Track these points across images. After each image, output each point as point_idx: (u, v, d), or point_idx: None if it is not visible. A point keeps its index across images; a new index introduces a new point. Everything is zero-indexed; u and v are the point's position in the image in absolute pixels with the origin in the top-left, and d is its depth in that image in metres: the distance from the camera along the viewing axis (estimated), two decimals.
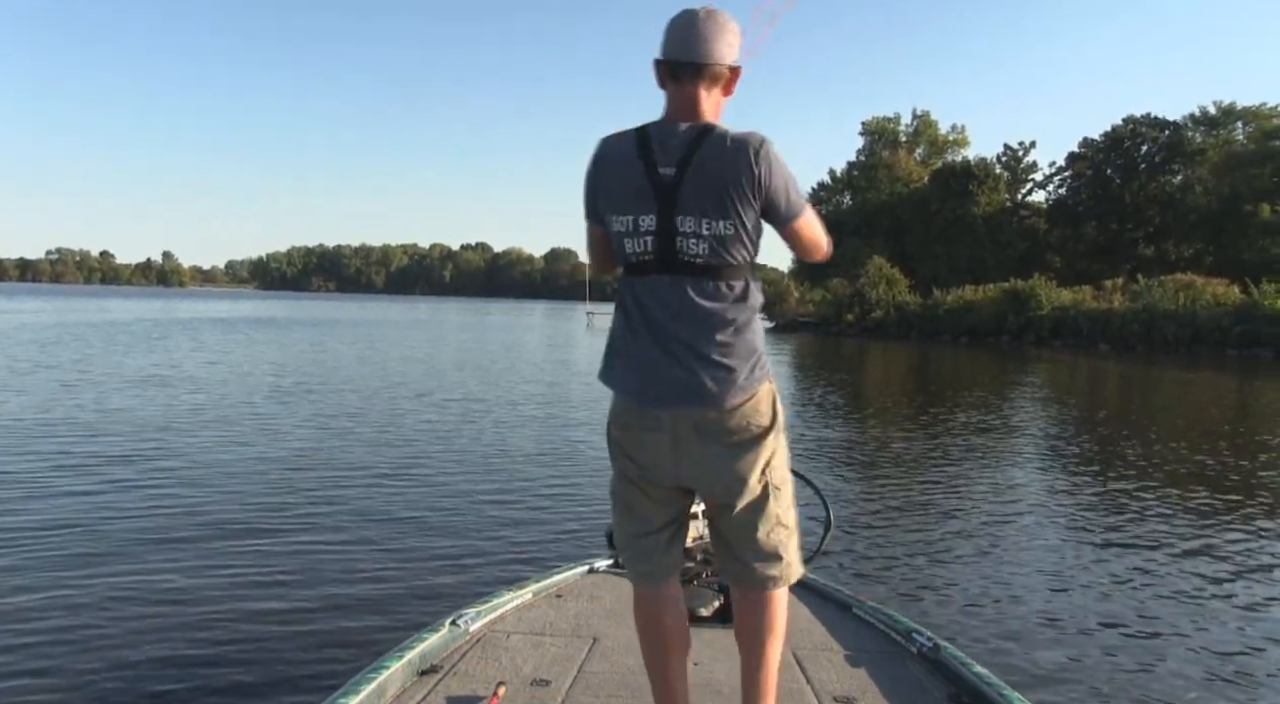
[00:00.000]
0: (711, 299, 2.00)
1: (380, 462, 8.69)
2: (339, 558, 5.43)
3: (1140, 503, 7.69)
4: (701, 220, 1.96)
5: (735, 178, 1.94)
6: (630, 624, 2.65)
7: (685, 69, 2.00)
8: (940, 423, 12.95)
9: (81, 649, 3.96)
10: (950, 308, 50.34)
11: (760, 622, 2.13)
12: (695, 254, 1.98)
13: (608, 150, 2.08)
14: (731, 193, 1.94)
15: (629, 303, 2.09)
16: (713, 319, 1.99)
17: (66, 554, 5.33)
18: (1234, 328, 38.89)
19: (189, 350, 23.02)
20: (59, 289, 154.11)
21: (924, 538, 6.35)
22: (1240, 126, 61.06)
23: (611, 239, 2.11)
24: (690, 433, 2.03)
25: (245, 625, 4.27)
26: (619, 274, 2.17)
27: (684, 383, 2.00)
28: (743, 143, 1.95)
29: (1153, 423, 14.06)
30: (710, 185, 1.95)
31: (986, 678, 2.54)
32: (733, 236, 1.98)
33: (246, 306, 73.91)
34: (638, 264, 2.05)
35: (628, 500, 2.17)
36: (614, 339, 2.14)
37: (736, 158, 1.94)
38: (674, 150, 1.97)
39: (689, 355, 2.00)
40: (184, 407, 12.09)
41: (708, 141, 1.97)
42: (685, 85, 2.01)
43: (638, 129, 2.05)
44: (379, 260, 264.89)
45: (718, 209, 1.95)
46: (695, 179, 1.95)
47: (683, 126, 2.00)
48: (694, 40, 1.99)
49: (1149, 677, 3.99)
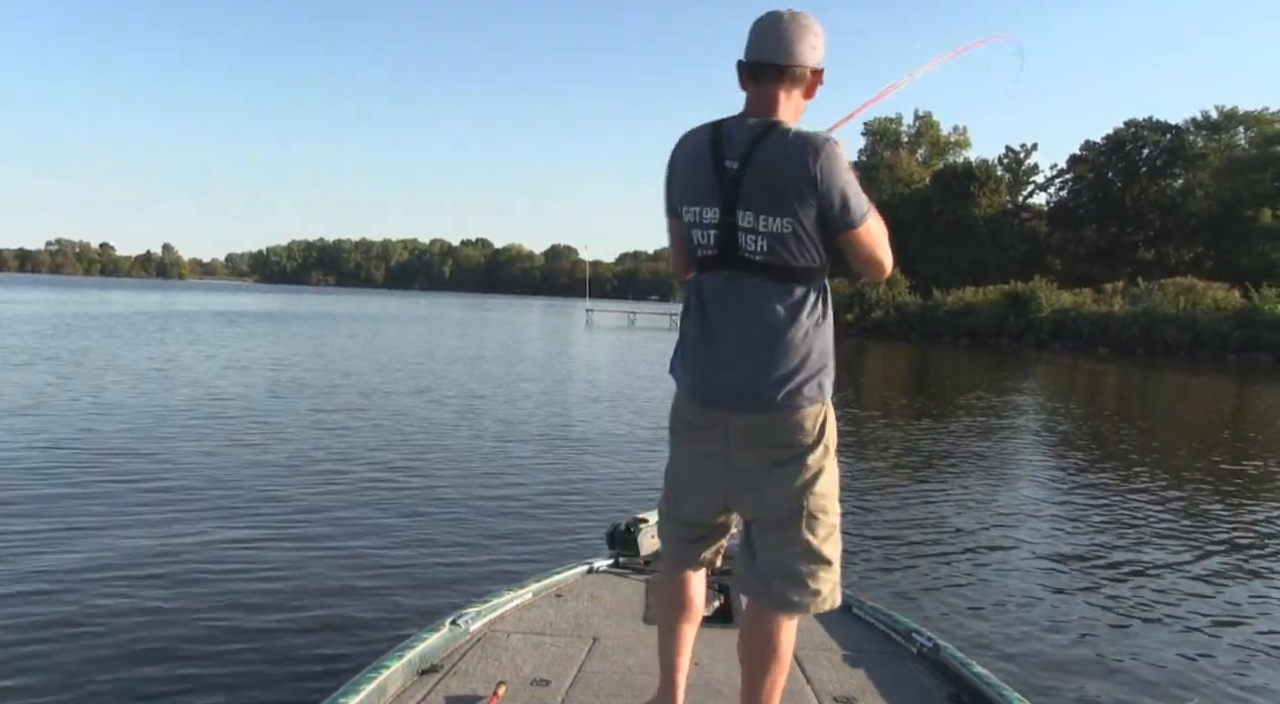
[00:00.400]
0: (769, 300, 1.97)
1: (379, 461, 8.64)
2: (339, 557, 5.40)
3: (1140, 505, 7.67)
4: (759, 216, 1.94)
5: (792, 175, 1.90)
6: (630, 624, 2.85)
7: (766, 70, 1.99)
8: (940, 424, 12.92)
9: (79, 649, 3.93)
10: (950, 309, 50.33)
11: (765, 642, 2.08)
12: (754, 251, 1.96)
13: (684, 143, 2.08)
14: (788, 190, 1.91)
15: (693, 298, 2.09)
16: (768, 321, 1.97)
17: (61, 554, 5.26)
18: (1234, 332, 38.92)
19: (186, 343, 22.95)
20: (58, 280, 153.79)
21: (924, 538, 6.32)
22: (1242, 131, 61.10)
23: (683, 233, 2.09)
24: (736, 438, 2.02)
25: (244, 625, 4.25)
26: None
27: (733, 384, 2.00)
28: (805, 140, 1.92)
29: (1153, 426, 14.05)
30: (768, 181, 1.92)
31: (986, 678, 2.52)
32: (790, 235, 1.93)
33: (246, 300, 73.81)
34: (703, 259, 2.05)
35: (674, 484, 2.20)
36: (681, 334, 2.13)
37: (795, 155, 1.91)
38: (740, 144, 1.96)
39: (739, 356, 1.99)
40: (180, 403, 12.01)
41: (771, 137, 1.94)
42: (766, 86, 2.00)
43: (715, 122, 2.04)
44: (379, 255, 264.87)
45: (774, 206, 1.92)
46: (755, 174, 1.93)
47: (752, 121, 1.99)
48: (776, 42, 1.98)
49: (1150, 677, 3.98)
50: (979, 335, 47.51)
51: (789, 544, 2.03)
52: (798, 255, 1.95)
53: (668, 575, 2.29)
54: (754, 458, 2.02)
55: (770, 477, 2.01)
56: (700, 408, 2.07)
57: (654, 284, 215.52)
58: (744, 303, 1.99)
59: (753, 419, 2.00)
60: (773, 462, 2.01)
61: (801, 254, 1.96)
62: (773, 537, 2.05)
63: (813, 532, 2.03)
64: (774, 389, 1.97)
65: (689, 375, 2.09)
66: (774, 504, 2.03)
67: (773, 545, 2.05)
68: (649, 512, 3.95)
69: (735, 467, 2.04)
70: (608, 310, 69.76)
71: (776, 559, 2.04)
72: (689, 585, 2.25)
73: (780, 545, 2.04)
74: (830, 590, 2.07)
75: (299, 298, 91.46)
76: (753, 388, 1.98)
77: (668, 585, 2.28)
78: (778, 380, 1.97)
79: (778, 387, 1.97)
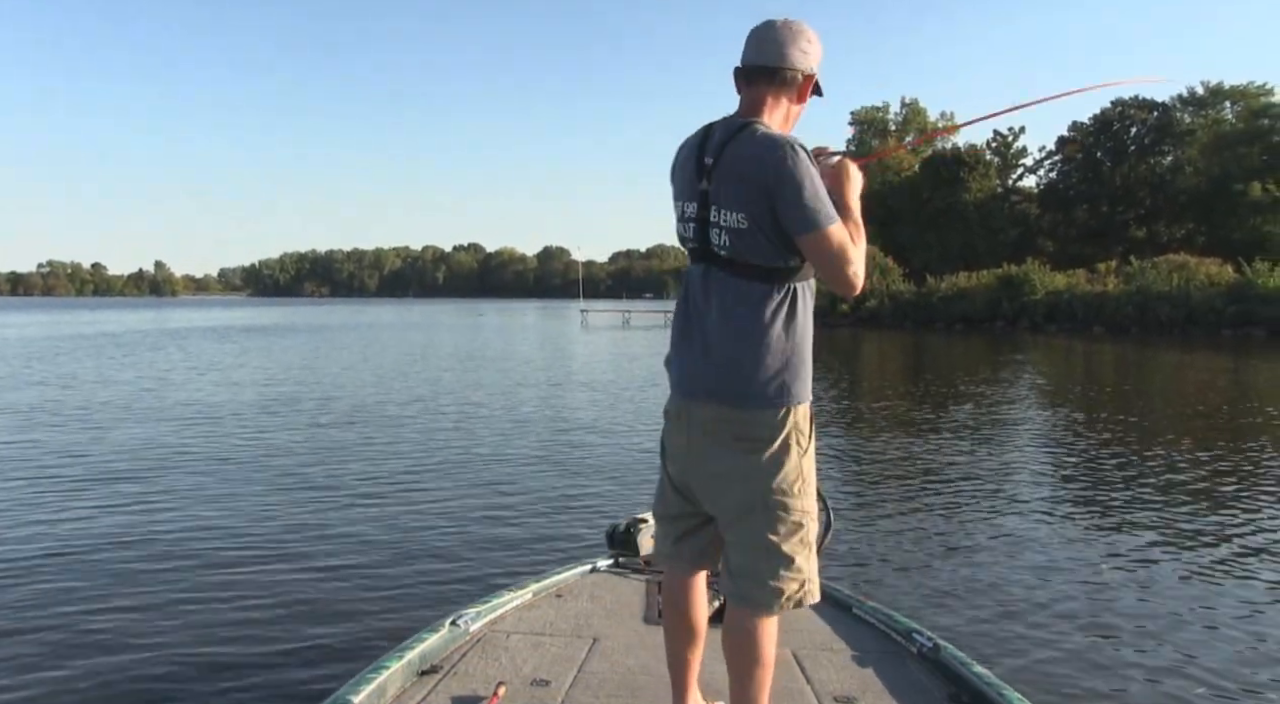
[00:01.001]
0: (734, 296, 2.01)
1: (380, 464, 8.64)
2: (339, 559, 5.41)
3: (1143, 497, 7.58)
4: (721, 211, 2.00)
5: (750, 172, 1.95)
6: (630, 624, 2.88)
7: (758, 73, 2.06)
8: (938, 416, 12.86)
9: (81, 651, 3.94)
10: (944, 295, 50.34)
11: (740, 639, 2.09)
12: (719, 245, 2.02)
13: (684, 142, 2.15)
14: (745, 186, 1.95)
15: (681, 290, 2.17)
16: (733, 317, 2.01)
17: (70, 562, 5.29)
18: (1227, 308, 38.99)
19: (179, 360, 22.84)
20: (50, 302, 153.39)
21: (923, 536, 6.26)
22: (1229, 106, 61.12)
23: (676, 227, 2.17)
24: (698, 429, 2.06)
25: (245, 626, 4.25)
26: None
27: (699, 375, 2.06)
28: (767, 141, 1.96)
29: (1152, 408, 14.00)
30: (731, 177, 1.98)
31: (986, 678, 2.51)
32: (747, 231, 1.97)
33: (239, 314, 73.61)
34: (690, 252, 2.12)
35: (660, 480, 2.25)
36: (672, 326, 2.19)
37: (756, 153, 1.95)
38: (718, 143, 2.02)
39: (707, 348, 2.04)
40: (179, 413, 11.92)
41: (742, 135, 2.00)
42: (757, 89, 2.07)
43: (710, 123, 2.11)
44: (371, 264, 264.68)
45: (733, 202, 1.98)
46: (721, 170, 2.00)
47: (734, 121, 2.06)
48: (767, 45, 2.06)
49: (1151, 675, 3.91)
50: (973, 321, 47.53)
51: (750, 541, 2.03)
52: (758, 253, 1.98)
53: (665, 577, 2.29)
54: (715, 451, 2.04)
55: (729, 471, 2.03)
56: (676, 396, 2.14)
57: (647, 282, 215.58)
58: (714, 296, 2.03)
59: (714, 411, 2.03)
60: (732, 456, 2.02)
61: (763, 252, 1.97)
62: (734, 533, 2.06)
63: (773, 530, 2.02)
64: (733, 384, 2.00)
65: (672, 364, 2.15)
66: (733, 500, 2.04)
67: (735, 542, 2.07)
68: (648, 512, 3.97)
69: (699, 459, 2.07)
70: (602, 310, 69.70)
71: (739, 556, 2.06)
72: (683, 586, 2.23)
73: (741, 542, 2.05)
74: (796, 589, 2.05)
75: (293, 310, 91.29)
76: (715, 380, 2.02)
77: (665, 587, 2.29)
78: (738, 376, 2.00)
79: (737, 382, 2.00)
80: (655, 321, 55.31)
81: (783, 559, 2.03)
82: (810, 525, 2.08)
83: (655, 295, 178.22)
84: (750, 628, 2.06)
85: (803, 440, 2.04)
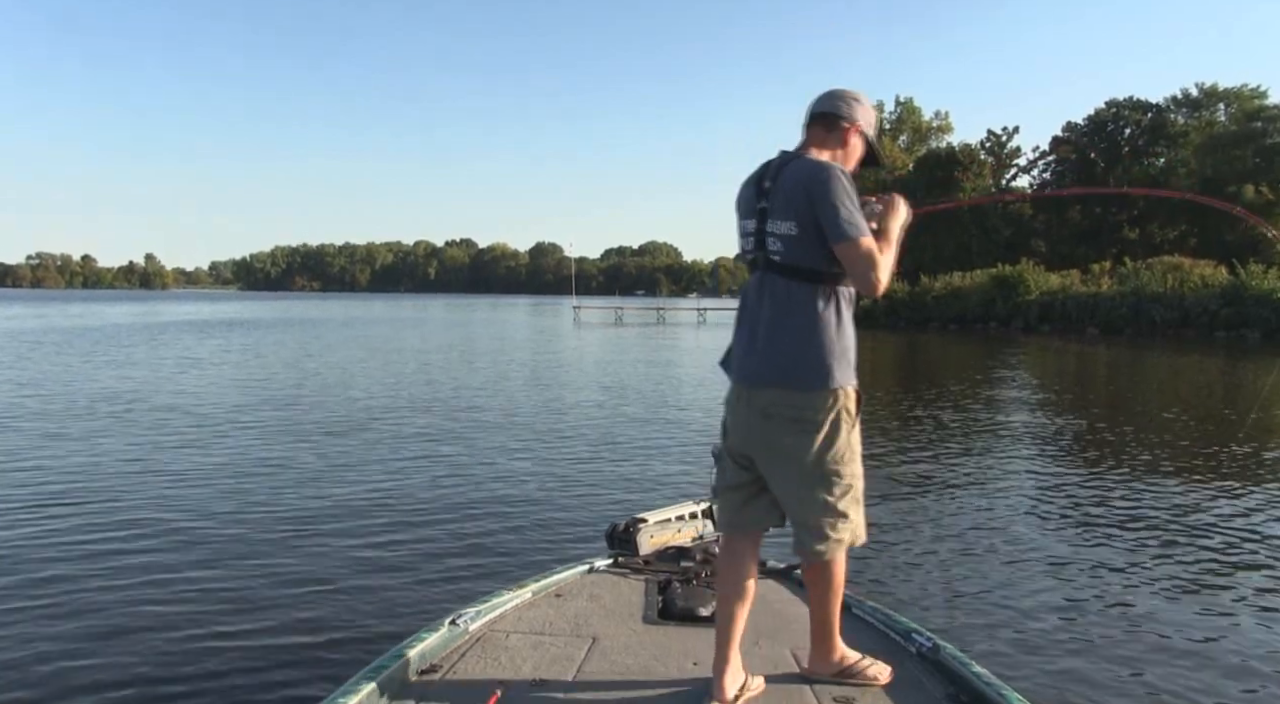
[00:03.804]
0: (785, 297, 2.42)
1: (374, 462, 8.60)
2: (337, 558, 5.41)
3: (1140, 497, 7.49)
4: (776, 220, 2.42)
5: (798, 189, 2.37)
6: (629, 624, 3.02)
7: (813, 118, 2.59)
8: (933, 416, 12.76)
9: (81, 648, 3.95)
10: (938, 295, 50.35)
11: (810, 577, 2.60)
12: (774, 251, 2.44)
13: (750, 173, 2.59)
14: (794, 199, 2.38)
15: (741, 298, 2.59)
16: (783, 314, 2.42)
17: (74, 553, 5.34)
18: (1221, 310, 38.99)
19: (170, 353, 22.69)
20: (38, 294, 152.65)
21: (922, 536, 6.19)
22: (1222, 108, 61.35)
23: (738, 243, 2.60)
24: (759, 412, 2.45)
25: (242, 626, 4.26)
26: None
27: (757, 366, 2.45)
28: (813, 166, 2.40)
29: (1148, 410, 13.91)
30: (784, 194, 2.41)
31: (985, 678, 2.52)
32: (795, 238, 2.38)
33: (229, 308, 73.40)
34: (749, 263, 2.55)
35: (721, 458, 2.63)
36: (734, 327, 2.59)
37: (803, 175, 2.39)
38: (776, 170, 2.48)
39: (762, 342, 2.45)
40: (176, 410, 11.86)
41: (795, 162, 2.46)
42: (812, 130, 2.58)
43: (768, 160, 2.56)
44: (363, 258, 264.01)
45: (785, 213, 2.40)
46: (777, 188, 2.43)
47: (793, 153, 2.53)
48: (823, 99, 2.60)
49: (1151, 674, 3.89)
50: (967, 321, 47.56)
51: (810, 504, 2.44)
52: (807, 256, 2.38)
53: (724, 543, 2.65)
54: (775, 430, 2.42)
55: (789, 447, 2.41)
56: (736, 384, 2.54)
57: (639, 279, 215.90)
58: (768, 298, 2.45)
59: (772, 396, 2.42)
60: (791, 435, 2.41)
61: (810, 256, 2.38)
62: (797, 498, 2.45)
63: (829, 493, 2.43)
64: (789, 373, 2.40)
65: (733, 358, 2.56)
66: (795, 471, 2.43)
67: (799, 505, 2.46)
68: (648, 511, 3.98)
69: (760, 437, 2.46)
70: (594, 307, 69.64)
71: (803, 515, 2.46)
72: (741, 551, 2.57)
73: (804, 504, 2.45)
74: (850, 537, 2.49)
75: (283, 304, 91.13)
76: (772, 370, 2.42)
77: (725, 551, 2.63)
78: (793, 366, 2.40)
79: (792, 371, 2.40)
80: (647, 319, 55.23)
81: (839, 515, 2.45)
82: (857, 484, 2.48)
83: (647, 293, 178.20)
84: (820, 568, 2.53)
85: (851, 418, 2.44)
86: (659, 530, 3.90)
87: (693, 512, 4.09)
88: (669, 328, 47.74)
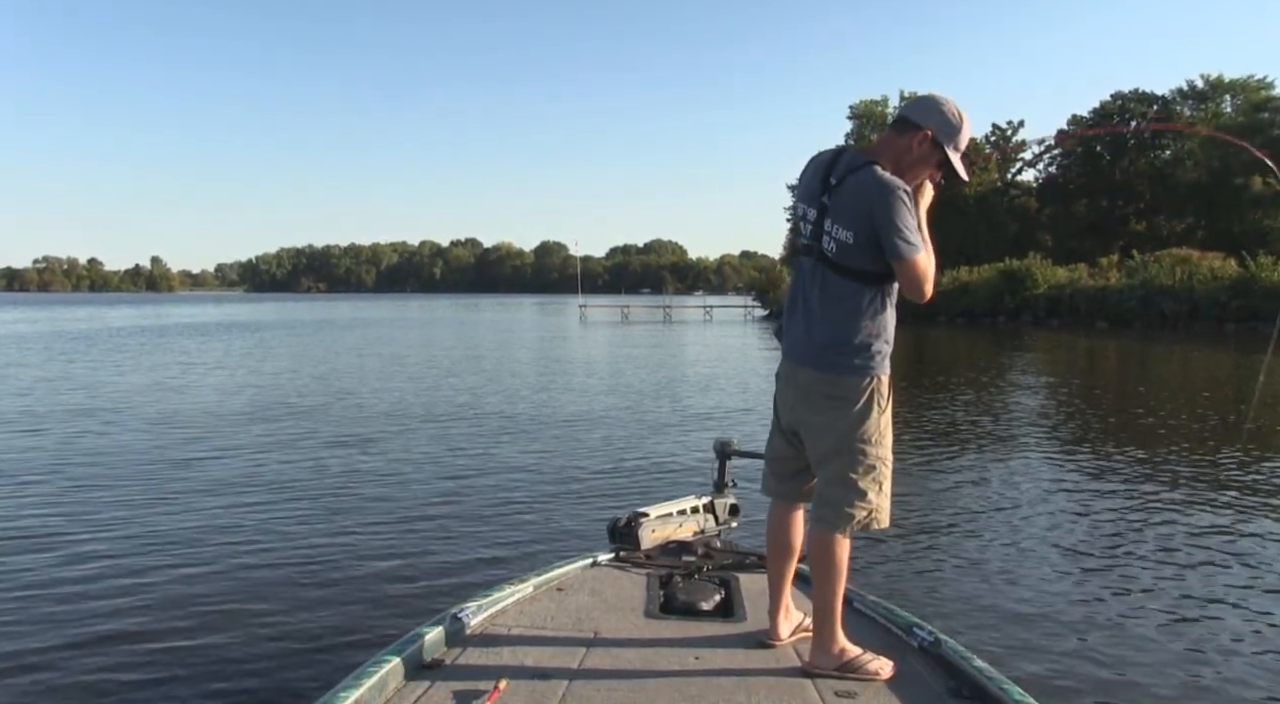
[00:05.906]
0: (833, 288, 2.55)
1: (377, 458, 8.62)
2: (338, 554, 5.42)
3: (1146, 492, 7.39)
4: (836, 225, 2.53)
5: (861, 204, 2.47)
6: (631, 618, 3.04)
7: (894, 121, 2.69)
8: (938, 410, 12.68)
9: (80, 647, 3.95)
10: (945, 289, 50.09)
11: (815, 551, 2.63)
12: (829, 250, 2.55)
13: (817, 154, 2.67)
14: (856, 213, 2.48)
15: (794, 275, 2.74)
16: (830, 303, 2.56)
17: (74, 553, 5.34)
18: (1231, 302, 38.73)
19: (177, 354, 22.71)
20: (44, 298, 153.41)
21: (924, 530, 6.14)
22: (1228, 99, 60.96)
23: (795, 223, 2.73)
24: (798, 385, 2.64)
25: (244, 621, 4.27)
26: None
27: (802, 345, 2.63)
28: (877, 182, 2.47)
29: (1157, 405, 13.74)
30: (846, 202, 2.51)
31: (987, 672, 2.50)
32: (851, 246, 2.50)
33: (236, 310, 73.58)
34: (804, 246, 2.64)
35: (771, 429, 2.80)
36: (785, 304, 2.75)
37: (866, 190, 2.47)
38: (844, 169, 2.55)
39: (809, 325, 2.61)
40: (178, 410, 11.91)
41: (862, 171, 2.51)
42: (889, 130, 2.67)
43: (841, 147, 2.67)
44: (369, 259, 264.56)
45: (844, 221, 2.51)
46: (842, 194, 2.52)
47: (861, 155, 2.58)
48: (909, 102, 2.72)
49: (1153, 670, 3.86)
50: (975, 315, 47.39)
51: (833, 477, 2.58)
52: (858, 261, 2.51)
53: (771, 508, 2.83)
54: (812, 406, 2.60)
55: (823, 422, 2.58)
56: (786, 361, 2.70)
57: (644, 277, 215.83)
58: (818, 287, 2.58)
59: (811, 375, 2.59)
60: (824, 411, 2.57)
61: (861, 262, 2.50)
62: (823, 470, 2.60)
63: (853, 469, 2.55)
64: (827, 354, 2.56)
65: (784, 334, 2.72)
66: (826, 444, 2.58)
67: (823, 476, 2.61)
68: (650, 505, 3.95)
69: (802, 411, 2.63)
70: (601, 305, 69.63)
71: (824, 487, 2.60)
72: (784, 516, 2.79)
73: (827, 477, 2.60)
74: (865, 516, 2.58)
75: (289, 306, 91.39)
76: (814, 353, 2.59)
77: (771, 516, 2.83)
78: (831, 348, 2.55)
79: (830, 353, 2.56)
80: (654, 317, 55.18)
81: (857, 492, 2.56)
82: (883, 469, 2.59)
83: (653, 290, 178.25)
84: (827, 541, 2.58)
85: (882, 402, 2.58)
86: (661, 524, 3.85)
87: (695, 506, 4.03)
88: (676, 326, 47.71)
